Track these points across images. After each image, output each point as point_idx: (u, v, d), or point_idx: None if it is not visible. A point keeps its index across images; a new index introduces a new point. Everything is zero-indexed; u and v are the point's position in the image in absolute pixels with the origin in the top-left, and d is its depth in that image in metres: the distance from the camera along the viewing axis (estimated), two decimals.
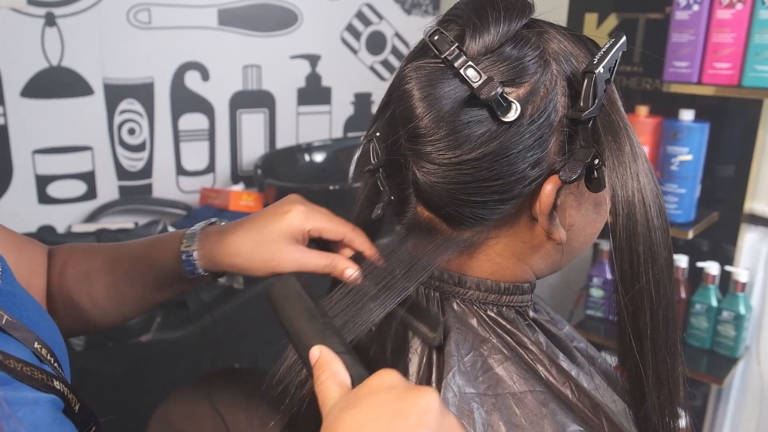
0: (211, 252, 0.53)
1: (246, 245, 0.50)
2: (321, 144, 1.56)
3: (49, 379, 0.38)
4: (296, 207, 0.50)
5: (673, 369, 0.42)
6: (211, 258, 0.53)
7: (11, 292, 0.43)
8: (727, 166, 1.26)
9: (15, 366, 0.36)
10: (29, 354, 0.39)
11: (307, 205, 0.51)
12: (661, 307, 0.41)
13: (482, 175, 0.40)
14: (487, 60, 0.40)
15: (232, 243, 0.51)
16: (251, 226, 0.51)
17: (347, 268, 0.48)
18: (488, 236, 0.45)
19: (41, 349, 0.40)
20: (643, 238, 0.40)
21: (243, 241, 0.51)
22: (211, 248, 0.53)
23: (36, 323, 0.42)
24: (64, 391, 0.39)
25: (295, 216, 0.50)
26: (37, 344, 0.40)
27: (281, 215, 0.50)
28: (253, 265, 0.50)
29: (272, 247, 0.49)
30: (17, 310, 0.41)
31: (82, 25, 1.25)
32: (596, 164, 0.40)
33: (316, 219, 0.50)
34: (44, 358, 0.40)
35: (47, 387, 0.38)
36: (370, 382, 0.35)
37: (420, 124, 0.40)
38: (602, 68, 0.39)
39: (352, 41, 1.63)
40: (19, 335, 0.39)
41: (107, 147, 1.34)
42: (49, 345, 0.41)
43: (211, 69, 1.43)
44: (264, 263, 0.50)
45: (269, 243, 0.49)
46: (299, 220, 0.49)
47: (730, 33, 1.08)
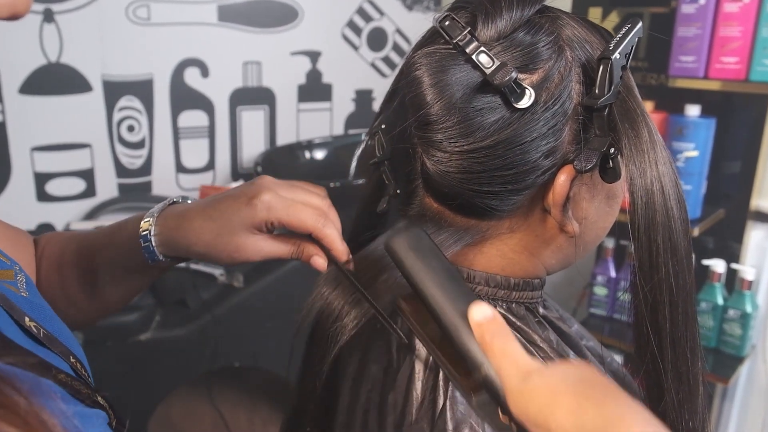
0: (170, 238, 0.49)
1: (206, 234, 0.47)
2: (322, 141, 1.55)
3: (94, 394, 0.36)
4: (262, 196, 0.46)
5: (693, 364, 0.41)
6: (170, 245, 0.49)
7: (40, 304, 0.41)
8: (734, 162, 1.25)
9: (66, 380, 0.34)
10: (68, 368, 0.37)
11: (274, 192, 0.47)
12: (680, 299, 0.39)
13: (495, 164, 0.39)
14: (499, 46, 0.38)
15: (191, 231, 0.48)
16: (211, 214, 0.47)
17: (313, 256, 0.47)
18: (500, 229, 0.43)
19: (76, 363, 0.38)
20: (663, 228, 0.39)
21: (203, 230, 0.47)
22: (170, 234, 0.49)
23: (66, 336, 0.40)
24: (106, 406, 0.37)
25: (259, 206, 0.46)
26: (72, 358, 0.38)
27: (245, 204, 0.46)
28: (214, 254, 0.47)
29: (235, 238, 0.46)
30: (49, 323, 0.39)
31: (80, 22, 1.24)
32: (612, 153, 0.39)
33: (282, 210, 0.46)
34: (80, 373, 0.39)
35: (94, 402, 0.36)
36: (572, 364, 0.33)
37: (431, 111, 0.38)
38: (618, 54, 0.38)
39: (353, 37, 1.62)
40: (57, 349, 0.37)
41: (106, 144, 1.33)
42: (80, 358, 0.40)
43: (210, 65, 1.42)
44: (227, 253, 0.47)
45: (232, 233, 0.46)
46: (263, 211, 0.46)
47: (737, 26, 1.07)
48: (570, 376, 0.31)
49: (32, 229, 1.27)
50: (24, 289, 0.40)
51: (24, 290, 0.40)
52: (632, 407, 0.29)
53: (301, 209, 0.47)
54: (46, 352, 0.36)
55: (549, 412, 0.29)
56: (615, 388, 0.30)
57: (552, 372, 0.31)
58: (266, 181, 0.48)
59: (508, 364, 0.32)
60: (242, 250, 0.47)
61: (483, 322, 0.34)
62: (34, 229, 1.27)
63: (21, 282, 0.41)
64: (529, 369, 0.32)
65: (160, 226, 0.50)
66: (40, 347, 0.36)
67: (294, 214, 0.46)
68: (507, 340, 0.33)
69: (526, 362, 0.32)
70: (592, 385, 0.30)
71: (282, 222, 0.46)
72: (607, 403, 0.29)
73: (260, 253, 0.47)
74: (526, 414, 0.31)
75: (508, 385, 0.32)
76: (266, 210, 0.46)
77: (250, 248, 0.47)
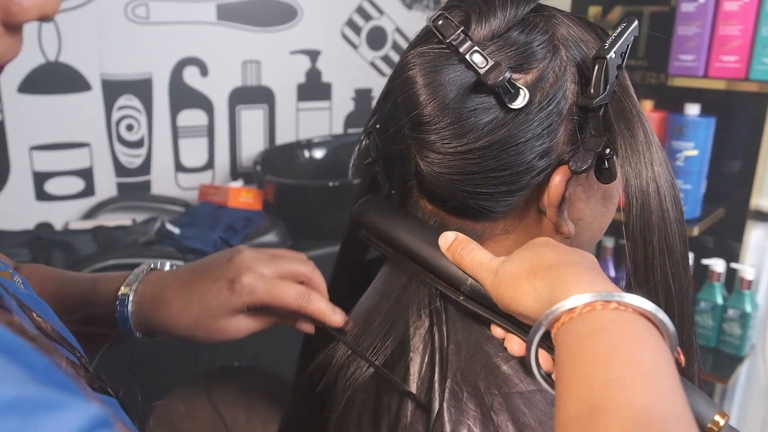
0: (147, 320, 0.49)
1: (185, 318, 0.47)
2: (321, 140, 1.55)
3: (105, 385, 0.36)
4: (243, 278, 0.46)
5: (689, 368, 0.40)
6: (146, 326, 0.49)
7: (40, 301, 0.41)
8: (733, 161, 1.24)
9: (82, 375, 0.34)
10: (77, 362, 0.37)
11: (255, 271, 0.47)
12: (677, 302, 0.39)
13: (489, 165, 0.38)
14: (493, 45, 0.38)
15: (169, 315, 0.48)
16: (191, 297, 0.47)
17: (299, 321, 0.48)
18: (495, 231, 0.43)
19: (81, 358, 0.38)
20: (658, 229, 0.38)
21: (182, 314, 0.47)
22: (147, 316, 0.49)
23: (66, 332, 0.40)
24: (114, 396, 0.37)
25: (240, 289, 0.46)
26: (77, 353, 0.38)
27: (226, 288, 0.46)
28: (193, 336, 0.48)
29: (216, 322, 0.47)
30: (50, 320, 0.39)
31: (79, 20, 1.24)
32: (607, 154, 0.39)
33: (263, 292, 0.46)
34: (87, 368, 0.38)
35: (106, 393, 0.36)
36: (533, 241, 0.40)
37: (424, 112, 0.38)
38: (614, 53, 0.37)
39: (353, 36, 1.61)
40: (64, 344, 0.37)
41: (105, 143, 1.33)
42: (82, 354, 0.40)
43: (210, 64, 1.41)
44: (207, 336, 0.47)
45: (212, 317, 0.47)
46: (245, 295, 0.46)
47: (737, 25, 1.06)
48: (525, 258, 0.37)
49: (31, 228, 1.26)
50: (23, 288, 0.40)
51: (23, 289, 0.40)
52: (574, 272, 0.34)
53: (284, 289, 0.46)
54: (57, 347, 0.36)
55: (515, 298, 0.36)
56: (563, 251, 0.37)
57: (511, 261, 0.37)
58: (246, 258, 0.48)
59: (479, 270, 0.39)
60: (224, 331, 0.47)
61: (449, 246, 0.40)
62: (33, 228, 1.27)
63: (18, 282, 0.41)
64: (495, 267, 0.38)
65: (137, 304, 0.49)
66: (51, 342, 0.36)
67: (276, 296, 0.46)
68: (471, 250, 0.40)
69: (491, 263, 0.38)
70: (541, 260, 0.36)
71: (264, 304, 0.46)
72: (553, 272, 0.34)
73: (242, 331, 0.48)
74: (505, 305, 0.37)
75: (487, 286, 0.38)
76: (248, 294, 0.46)
77: (232, 329, 0.47)
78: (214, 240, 1.19)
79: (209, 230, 1.22)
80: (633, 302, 0.32)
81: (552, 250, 0.37)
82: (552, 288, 0.34)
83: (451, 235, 0.40)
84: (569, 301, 0.32)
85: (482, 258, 0.39)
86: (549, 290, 0.34)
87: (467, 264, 0.39)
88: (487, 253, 0.39)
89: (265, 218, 1.29)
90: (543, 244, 0.38)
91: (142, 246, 1.17)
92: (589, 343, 0.30)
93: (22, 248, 1.12)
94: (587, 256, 0.37)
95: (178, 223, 1.27)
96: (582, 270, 0.34)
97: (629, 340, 0.30)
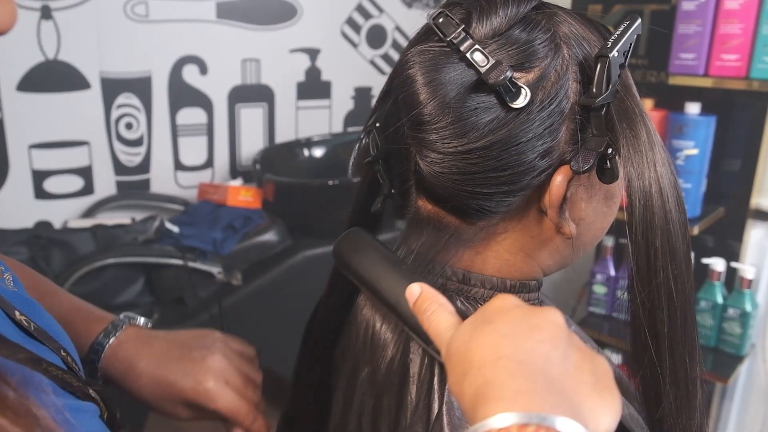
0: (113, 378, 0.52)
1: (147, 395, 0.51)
2: (320, 139, 1.55)
3: (85, 386, 0.36)
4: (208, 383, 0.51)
5: (691, 369, 0.40)
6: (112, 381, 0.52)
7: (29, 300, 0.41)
8: (734, 160, 1.24)
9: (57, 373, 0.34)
10: (59, 361, 0.37)
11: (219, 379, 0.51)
12: (679, 304, 0.39)
13: (489, 165, 0.38)
14: (494, 43, 0.38)
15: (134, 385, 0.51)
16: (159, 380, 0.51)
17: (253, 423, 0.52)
18: (495, 231, 0.43)
19: (66, 356, 0.38)
20: (661, 231, 0.38)
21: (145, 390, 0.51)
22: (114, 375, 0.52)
23: (56, 331, 0.40)
24: (97, 399, 0.37)
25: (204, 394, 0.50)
26: (63, 352, 0.38)
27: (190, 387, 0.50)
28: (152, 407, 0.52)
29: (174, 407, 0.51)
30: (38, 317, 0.39)
31: (78, 18, 1.23)
32: (609, 154, 0.38)
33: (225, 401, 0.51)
34: (71, 366, 0.39)
35: (85, 395, 0.36)
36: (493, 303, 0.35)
37: (424, 111, 0.38)
38: (616, 52, 0.37)
39: (352, 35, 1.61)
40: (47, 343, 0.37)
41: (104, 142, 1.32)
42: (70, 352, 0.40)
43: (209, 63, 1.41)
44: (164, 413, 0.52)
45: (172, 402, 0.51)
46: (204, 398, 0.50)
47: (738, 23, 1.06)
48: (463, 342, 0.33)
49: (29, 227, 1.26)
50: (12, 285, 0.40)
51: (12, 286, 0.40)
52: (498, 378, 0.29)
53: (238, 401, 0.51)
54: (37, 346, 0.36)
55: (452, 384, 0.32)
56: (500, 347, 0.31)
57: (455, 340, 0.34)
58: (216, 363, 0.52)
59: (436, 338, 0.36)
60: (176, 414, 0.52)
61: (414, 302, 0.38)
62: (32, 227, 1.26)
63: (8, 279, 0.41)
64: (446, 340, 0.34)
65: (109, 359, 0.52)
66: (30, 341, 0.36)
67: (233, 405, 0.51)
68: (433, 312, 0.36)
69: (446, 333, 0.35)
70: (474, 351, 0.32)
71: (217, 411, 0.51)
72: (478, 378, 0.30)
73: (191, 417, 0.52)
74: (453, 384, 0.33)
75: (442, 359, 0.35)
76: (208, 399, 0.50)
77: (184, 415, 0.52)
78: (213, 238, 1.19)
79: (208, 229, 1.22)
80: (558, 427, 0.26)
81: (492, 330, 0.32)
82: (476, 399, 0.29)
83: (416, 290, 0.38)
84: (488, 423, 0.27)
85: (439, 325, 0.36)
86: (474, 401, 0.29)
87: (427, 328, 0.36)
88: (447, 316, 0.36)
89: (265, 217, 1.29)
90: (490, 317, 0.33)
91: (142, 245, 1.17)
92: None
93: (21, 246, 1.11)
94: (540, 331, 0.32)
95: (178, 222, 1.27)
96: (510, 373, 0.29)
97: None
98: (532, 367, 0.29)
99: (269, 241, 1.23)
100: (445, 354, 0.34)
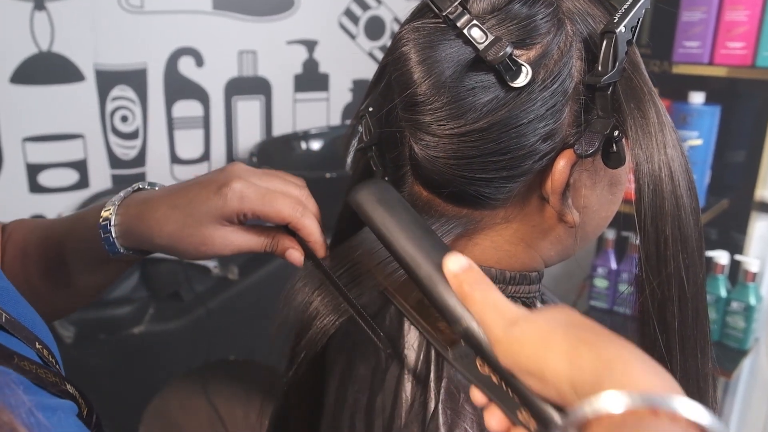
0: (131, 229, 0.45)
1: (171, 225, 0.43)
2: (318, 131, 1.53)
3: (62, 382, 0.34)
4: (233, 184, 0.42)
5: (702, 364, 0.38)
6: (131, 236, 0.45)
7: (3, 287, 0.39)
8: (738, 151, 1.22)
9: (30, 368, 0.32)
10: (33, 355, 0.35)
11: (247, 180, 0.43)
12: (691, 295, 0.37)
13: (488, 149, 0.36)
14: (493, 18, 0.36)
15: (154, 221, 0.44)
16: (176, 202, 0.44)
17: (289, 249, 0.44)
18: (494, 220, 0.41)
19: (42, 349, 0.36)
20: (672, 217, 0.36)
21: (167, 220, 0.43)
22: (131, 224, 0.45)
23: (32, 321, 0.38)
24: (75, 395, 0.35)
25: (230, 195, 0.42)
26: (38, 344, 0.36)
27: (214, 193, 0.42)
28: (179, 246, 0.44)
29: (202, 230, 0.43)
30: (12, 307, 0.37)
31: (72, 9, 1.22)
32: (615, 136, 0.36)
33: (255, 200, 0.42)
34: (47, 360, 0.36)
35: (62, 391, 0.33)
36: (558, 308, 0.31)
37: (418, 91, 0.36)
38: (623, 27, 0.35)
39: (350, 26, 1.59)
40: (20, 335, 0.35)
41: (99, 135, 1.31)
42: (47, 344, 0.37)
43: (205, 54, 1.40)
44: (193, 247, 0.43)
45: (198, 225, 0.43)
46: (235, 201, 0.42)
47: (743, 10, 1.04)
48: (559, 319, 0.29)
49: None
50: None
51: None
52: (628, 348, 0.27)
53: (278, 198, 0.43)
54: (8, 338, 0.34)
55: (542, 357, 0.28)
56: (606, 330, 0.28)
57: (540, 317, 0.30)
58: (238, 168, 0.44)
59: (491, 313, 0.31)
60: (209, 243, 0.43)
61: (459, 273, 0.32)
62: None
63: None
64: (514, 316, 0.30)
65: (121, 215, 0.46)
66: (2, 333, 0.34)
67: (269, 203, 0.43)
68: (487, 288, 0.31)
69: (510, 310, 0.30)
70: (583, 328, 0.28)
71: (256, 213, 0.43)
72: (601, 344, 0.27)
73: (230, 246, 0.44)
74: (516, 362, 0.29)
75: (494, 335, 0.30)
76: (238, 200, 0.42)
77: (218, 241, 0.43)
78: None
79: None
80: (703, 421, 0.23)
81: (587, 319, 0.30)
82: (600, 359, 0.26)
83: (463, 261, 0.32)
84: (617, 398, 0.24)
85: (499, 301, 0.31)
86: (597, 361, 0.26)
87: (477, 300, 0.31)
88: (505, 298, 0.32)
89: None
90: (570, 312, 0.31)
91: None
92: None
93: None
94: None
95: None
96: (635, 350, 0.27)
97: None
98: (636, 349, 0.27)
99: None
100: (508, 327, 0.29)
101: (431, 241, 0.35)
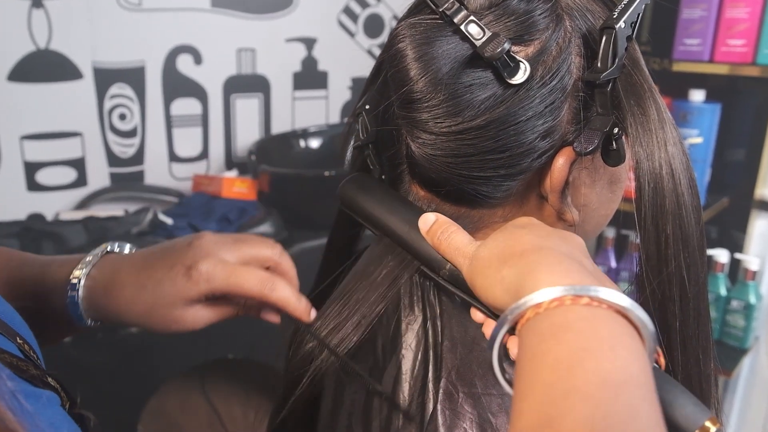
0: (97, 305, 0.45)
1: (138, 306, 0.43)
2: (317, 130, 1.53)
3: (44, 375, 0.34)
4: (200, 265, 0.42)
5: (705, 365, 0.38)
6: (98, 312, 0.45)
7: None
8: (738, 149, 1.22)
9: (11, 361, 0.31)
10: (15, 349, 0.35)
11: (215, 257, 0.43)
12: (692, 295, 0.36)
13: (486, 147, 0.36)
14: (491, 14, 0.35)
15: (121, 301, 0.44)
16: (145, 283, 0.43)
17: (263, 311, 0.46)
18: (493, 219, 0.41)
19: (23, 344, 0.36)
20: (672, 216, 0.35)
21: (135, 302, 0.43)
22: (98, 301, 0.45)
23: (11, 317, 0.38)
24: (57, 388, 0.35)
25: (197, 277, 0.42)
26: (19, 339, 0.36)
27: (182, 275, 0.42)
28: (149, 326, 0.44)
29: (172, 311, 0.43)
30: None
31: (70, 7, 1.21)
32: (615, 134, 0.36)
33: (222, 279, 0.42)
34: (28, 354, 0.36)
35: (44, 384, 0.33)
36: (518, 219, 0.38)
37: (415, 88, 0.35)
38: (623, 23, 0.34)
39: (349, 24, 1.59)
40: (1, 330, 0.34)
41: (97, 133, 1.30)
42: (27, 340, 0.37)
43: (203, 52, 1.39)
44: (164, 325, 0.44)
45: (168, 306, 0.43)
46: (202, 283, 0.42)
47: (744, 8, 1.04)
48: (498, 243, 0.34)
49: (22, 219, 1.25)
50: None
51: None
52: (546, 260, 0.31)
53: (244, 275, 0.43)
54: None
55: (485, 287, 0.33)
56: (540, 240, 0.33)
57: (485, 246, 0.35)
58: (206, 242, 0.44)
59: (456, 255, 0.36)
60: (181, 321, 0.44)
61: (429, 229, 0.38)
62: (25, 219, 1.25)
63: None
64: (471, 252, 0.35)
65: (88, 289, 0.45)
66: None
67: (236, 283, 0.43)
68: (450, 234, 0.37)
69: (468, 247, 0.36)
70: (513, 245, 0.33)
71: (223, 292, 0.43)
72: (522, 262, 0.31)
73: (201, 321, 0.44)
74: (478, 294, 0.35)
75: (463, 273, 0.36)
76: (205, 282, 0.42)
77: (189, 319, 0.44)
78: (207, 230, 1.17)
79: (202, 221, 1.20)
80: (608, 297, 0.28)
81: (529, 232, 0.34)
82: (521, 278, 0.30)
83: (431, 217, 0.38)
84: (537, 295, 0.29)
85: (459, 242, 0.36)
86: (517, 281, 0.31)
87: (445, 249, 0.37)
88: (466, 236, 0.37)
89: (260, 208, 1.27)
90: (521, 225, 0.35)
91: (134, 237, 1.15)
92: (552, 343, 0.27)
93: (12, 239, 1.10)
94: (571, 239, 0.34)
95: (171, 214, 1.25)
96: (556, 257, 0.31)
97: (598, 342, 0.26)
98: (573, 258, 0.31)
99: (265, 233, 1.21)
100: (468, 265, 0.35)
101: (407, 209, 0.40)
